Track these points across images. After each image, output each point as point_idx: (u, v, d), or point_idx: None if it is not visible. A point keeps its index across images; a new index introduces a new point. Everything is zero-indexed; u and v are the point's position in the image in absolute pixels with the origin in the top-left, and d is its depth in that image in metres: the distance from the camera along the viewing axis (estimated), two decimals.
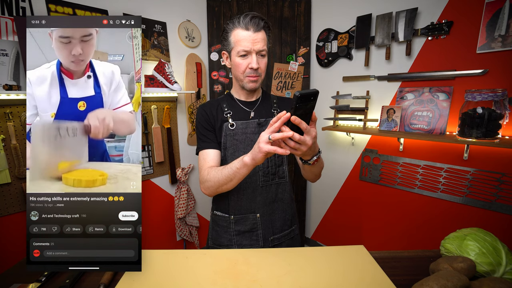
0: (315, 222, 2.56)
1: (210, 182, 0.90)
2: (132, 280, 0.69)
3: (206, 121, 1.00)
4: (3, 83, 1.32)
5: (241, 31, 0.89)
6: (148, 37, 1.92)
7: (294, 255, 0.80)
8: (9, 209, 1.43)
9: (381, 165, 2.01)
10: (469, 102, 1.47)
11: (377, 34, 1.87)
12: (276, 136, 0.66)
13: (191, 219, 2.29)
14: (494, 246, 0.71)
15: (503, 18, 1.41)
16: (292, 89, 2.37)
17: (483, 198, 1.58)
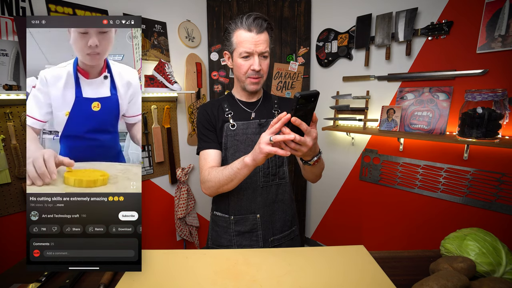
0: (315, 222, 2.56)
1: (211, 182, 0.90)
2: (132, 280, 0.69)
3: (207, 121, 1.00)
4: (3, 83, 1.32)
5: (243, 32, 0.89)
6: (148, 37, 1.92)
7: (294, 255, 0.80)
8: (9, 209, 1.43)
9: (381, 165, 2.01)
10: (469, 102, 1.47)
11: (377, 34, 1.87)
12: (277, 138, 0.66)
13: (191, 219, 2.29)
14: (494, 246, 0.71)
15: (503, 18, 1.41)
16: (292, 89, 2.37)
17: (483, 198, 1.58)
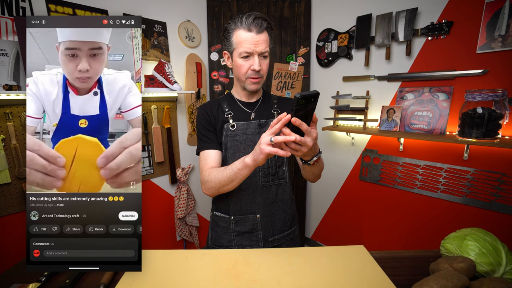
0: (315, 222, 2.56)
1: (211, 183, 0.90)
2: (132, 280, 0.69)
3: (207, 121, 0.99)
4: (3, 83, 1.32)
5: (243, 32, 0.88)
6: (148, 37, 1.92)
7: (294, 255, 0.80)
8: (9, 209, 1.43)
9: (381, 165, 2.01)
10: (469, 102, 1.47)
11: (377, 34, 1.87)
12: (278, 139, 0.66)
13: (191, 219, 2.29)
14: (494, 246, 0.71)
15: (503, 18, 1.41)
16: (292, 89, 2.37)
17: (483, 198, 1.58)
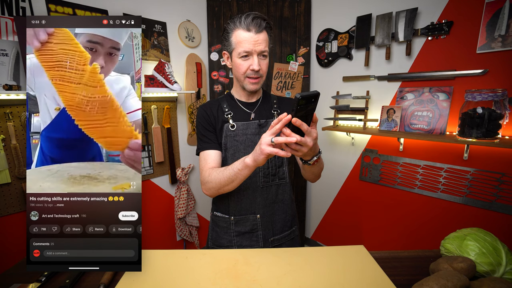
0: (315, 222, 2.56)
1: (211, 183, 0.90)
2: (132, 280, 0.69)
3: (207, 121, 0.99)
4: (3, 83, 1.32)
5: (242, 32, 0.88)
6: (148, 37, 1.92)
7: (294, 255, 0.80)
8: (9, 209, 1.43)
9: (381, 165, 2.01)
10: (469, 102, 1.47)
11: (377, 34, 1.87)
12: (279, 140, 0.66)
13: (191, 219, 2.29)
14: (494, 246, 0.71)
15: (503, 18, 1.41)
16: (292, 89, 2.37)
17: (483, 198, 1.58)
